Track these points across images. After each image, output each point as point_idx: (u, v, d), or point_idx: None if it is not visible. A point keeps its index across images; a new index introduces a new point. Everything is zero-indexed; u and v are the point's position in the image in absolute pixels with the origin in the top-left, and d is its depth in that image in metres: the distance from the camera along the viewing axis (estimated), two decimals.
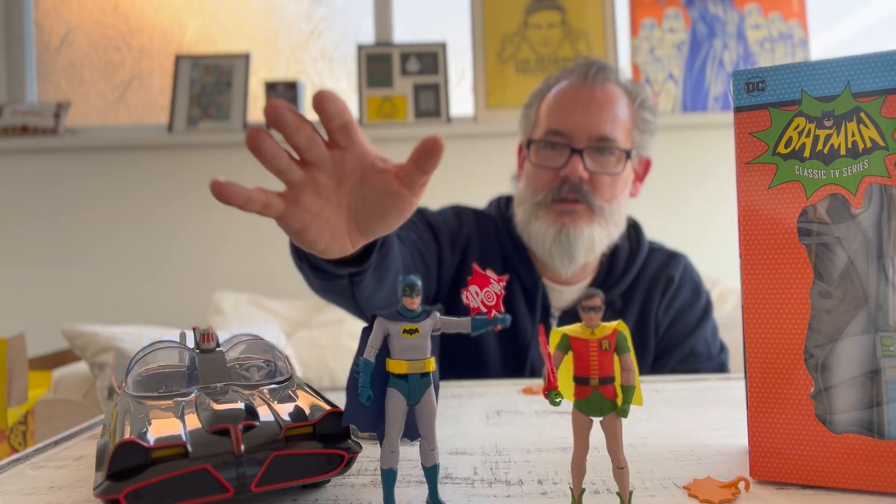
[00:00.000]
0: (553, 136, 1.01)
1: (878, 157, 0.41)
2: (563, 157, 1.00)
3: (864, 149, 0.42)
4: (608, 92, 1.01)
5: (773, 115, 0.44)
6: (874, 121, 0.41)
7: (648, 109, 1.06)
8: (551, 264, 1.03)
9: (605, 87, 1.02)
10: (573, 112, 1.00)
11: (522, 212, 1.05)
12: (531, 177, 1.04)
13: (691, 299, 1.08)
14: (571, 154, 0.99)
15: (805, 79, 0.43)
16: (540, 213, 1.01)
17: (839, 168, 0.42)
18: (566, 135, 1.00)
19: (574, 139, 0.99)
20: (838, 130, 0.42)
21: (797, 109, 0.43)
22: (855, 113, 0.42)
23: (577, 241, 0.99)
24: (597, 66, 1.04)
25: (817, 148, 0.43)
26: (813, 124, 0.43)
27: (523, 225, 1.05)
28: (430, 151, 0.55)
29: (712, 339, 1.09)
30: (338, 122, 0.54)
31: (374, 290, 0.80)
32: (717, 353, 1.08)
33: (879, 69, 0.41)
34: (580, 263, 1.02)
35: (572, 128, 0.99)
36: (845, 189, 0.42)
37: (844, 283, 0.43)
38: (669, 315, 1.06)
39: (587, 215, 1.00)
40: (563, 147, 1.00)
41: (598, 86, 1.01)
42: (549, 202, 1.00)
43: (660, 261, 1.09)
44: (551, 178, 1.01)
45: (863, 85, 0.42)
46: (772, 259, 0.44)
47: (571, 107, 1.01)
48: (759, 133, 0.45)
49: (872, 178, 0.41)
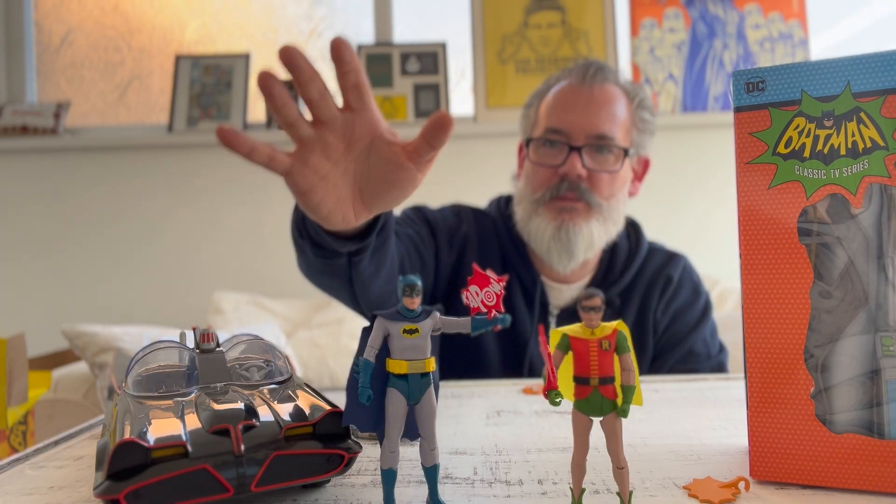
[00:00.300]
0: (552, 135, 1.02)
1: (879, 157, 0.41)
2: (561, 154, 1.01)
3: (864, 149, 0.42)
4: (607, 91, 1.03)
5: (773, 115, 0.44)
6: (874, 121, 0.41)
7: (647, 109, 1.07)
8: (550, 261, 1.03)
9: (603, 87, 1.03)
10: (572, 111, 1.01)
11: (522, 210, 1.06)
12: (530, 175, 1.05)
13: (690, 299, 1.08)
14: (570, 152, 1.00)
15: (805, 79, 0.43)
16: (539, 210, 1.02)
17: (839, 168, 0.42)
18: (565, 133, 1.01)
19: (573, 137, 1.00)
20: (838, 130, 0.42)
21: (797, 109, 0.43)
22: (855, 113, 0.42)
23: (577, 238, 1.00)
24: (595, 66, 1.05)
25: (817, 148, 0.43)
26: (813, 124, 0.43)
27: (523, 223, 1.05)
28: (439, 126, 0.55)
29: (711, 339, 1.09)
30: (352, 80, 0.55)
31: (372, 277, 0.80)
32: (715, 353, 1.08)
33: (880, 69, 0.41)
34: (579, 261, 1.03)
35: (571, 126, 1.00)
36: (845, 189, 0.42)
37: (844, 283, 0.43)
38: (668, 315, 1.07)
39: (586, 212, 1.00)
40: (562, 145, 1.01)
41: (597, 86, 1.03)
42: (549, 199, 1.01)
43: (659, 261, 1.10)
44: (550, 176, 1.01)
45: (863, 85, 0.42)
46: (772, 259, 0.44)
47: (570, 106, 1.02)
48: (759, 133, 0.45)
49: (872, 178, 0.41)
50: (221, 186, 2.27)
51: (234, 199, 2.27)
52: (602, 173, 1.00)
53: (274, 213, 2.27)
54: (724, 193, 2.13)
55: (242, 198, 2.26)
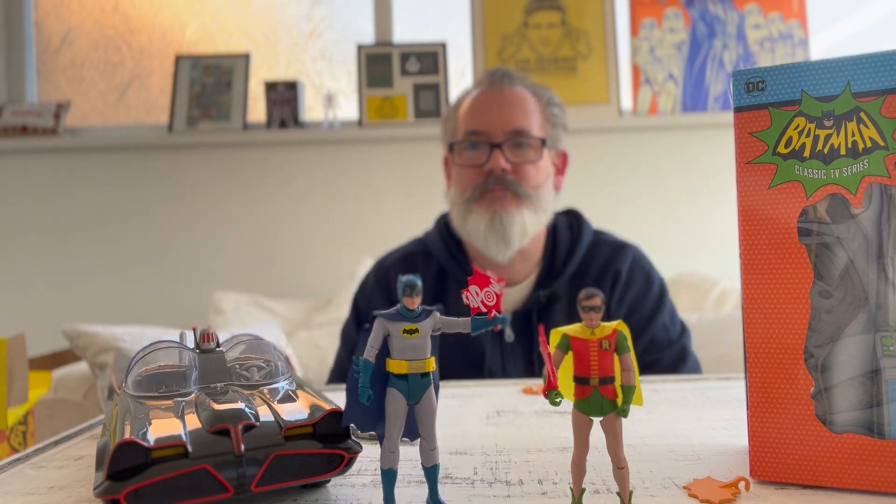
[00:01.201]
0: (472, 136, 1.08)
1: (879, 156, 0.41)
2: (484, 153, 1.07)
3: (864, 148, 0.42)
4: (516, 92, 1.11)
5: (773, 115, 0.44)
6: (874, 121, 0.41)
7: (556, 105, 1.14)
8: (488, 252, 1.07)
9: (512, 89, 1.11)
10: (487, 111, 1.09)
11: (456, 213, 1.11)
12: (458, 178, 1.11)
13: (643, 290, 1.11)
14: (492, 149, 1.06)
15: (805, 79, 0.43)
16: (472, 207, 1.08)
17: (839, 168, 0.42)
18: (484, 133, 1.07)
19: (492, 135, 1.07)
20: (838, 130, 0.42)
21: (797, 109, 0.43)
22: (855, 113, 0.42)
23: (511, 226, 1.05)
24: (501, 72, 1.13)
25: (817, 148, 0.43)
26: (813, 124, 0.43)
27: (460, 225, 1.11)
28: None
29: (671, 323, 1.11)
30: None
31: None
32: (677, 336, 1.10)
33: (879, 69, 0.41)
34: (515, 247, 1.07)
35: (488, 125, 1.07)
36: (845, 189, 0.42)
37: (844, 283, 0.43)
38: (623, 309, 1.09)
39: (516, 202, 1.06)
40: (483, 144, 1.07)
41: (507, 88, 1.11)
42: (479, 196, 1.07)
43: (606, 254, 1.13)
44: (476, 175, 1.08)
45: (863, 85, 0.42)
46: (772, 259, 0.44)
47: (485, 107, 1.10)
48: (759, 133, 0.45)
49: (872, 178, 0.41)
50: (221, 186, 2.27)
51: (235, 199, 2.27)
52: (525, 165, 1.07)
53: (274, 214, 2.27)
54: (724, 193, 2.13)
55: (243, 198, 2.26)
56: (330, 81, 2.38)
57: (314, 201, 2.24)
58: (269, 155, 2.26)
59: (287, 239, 2.25)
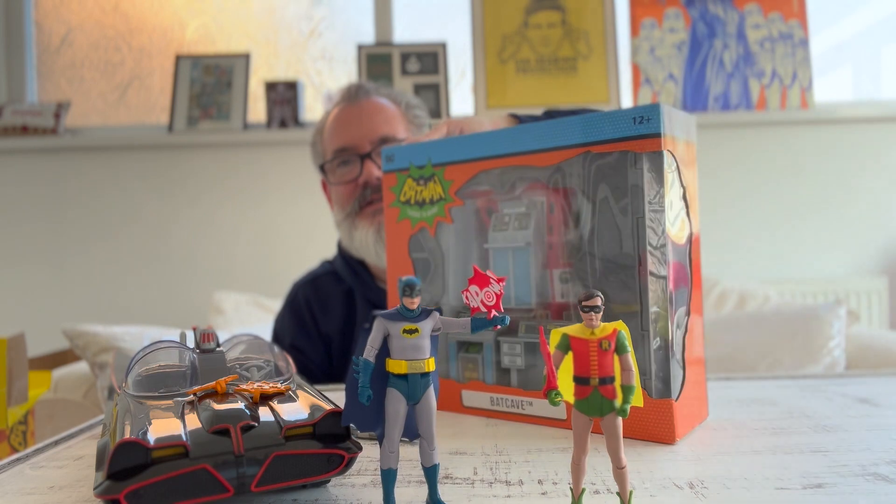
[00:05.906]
0: (341, 153, 1.10)
1: (442, 204, 0.66)
2: (356, 167, 1.09)
3: (434, 199, 0.66)
4: (374, 102, 1.13)
5: (398, 177, 0.69)
6: (441, 182, 0.66)
7: (416, 107, 1.16)
8: (380, 263, 1.08)
9: (370, 100, 1.13)
10: (350, 126, 1.11)
11: (343, 231, 1.12)
12: (337, 197, 1.12)
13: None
14: (362, 161, 1.07)
15: (411, 154, 0.67)
16: (356, 221, 1.08)
17: (426, 210, 0.67)
18: (351, 147, 1.09)
19: (359, 147, 1.09)
20: (425, 187, 0.67)
21: (408, 173, 0.68)
22: (433, 176, 0.66)
23: None
24: (356, 85, 1.16)
25: (417, 198, 0.67)
26: (415, 182, 0.67)
27: (348, 242, 1.12)
28: None
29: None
30: None
31: None
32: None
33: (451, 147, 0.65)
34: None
35: (354, 139, 1.09)
36: (428, 224, 0.67)
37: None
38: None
39: None
40: (353, 158, 1.09)
41: (364, 100, 1.13)
42: (359, 209, 1.08)
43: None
44: (353, 189, 1.09)
45: (440, 157, 0.65)
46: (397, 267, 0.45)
47: (348, 122, 1.11)
48: (392, 188, 0.69)
49: (440, 218, 0.66)
50: (222, 186, 2.27)
51: (235, 199, 2.27)
52: None
53: (274, 213, 2.27)
54: (724, 193, 2.13)
55: (243, 198, 2.27)
56: (330, 81, 2.38)
57: (314, 201, 2.24)
58: (269, 155, 2.26)
59: (287, 239, 2.25)
